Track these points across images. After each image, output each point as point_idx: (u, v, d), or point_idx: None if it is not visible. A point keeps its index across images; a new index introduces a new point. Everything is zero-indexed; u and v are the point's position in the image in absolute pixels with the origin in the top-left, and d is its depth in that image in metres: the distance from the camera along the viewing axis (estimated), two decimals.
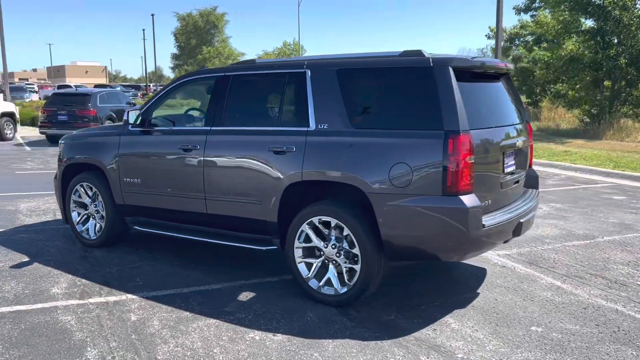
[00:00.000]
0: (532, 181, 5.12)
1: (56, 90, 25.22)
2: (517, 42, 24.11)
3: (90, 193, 5.86)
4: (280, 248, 4.59)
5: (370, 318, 4.11)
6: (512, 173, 4.49)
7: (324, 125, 4.31)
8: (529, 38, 23.69)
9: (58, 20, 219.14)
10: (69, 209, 6.05)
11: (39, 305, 4.29)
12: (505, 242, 4.44)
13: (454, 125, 3.79)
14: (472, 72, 4.23)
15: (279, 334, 3.82)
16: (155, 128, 5.36)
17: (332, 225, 4.23)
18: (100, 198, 5.75)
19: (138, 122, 5.40)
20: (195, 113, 5.96)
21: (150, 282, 4.84)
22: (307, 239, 4.37)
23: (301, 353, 3.56)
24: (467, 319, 4.10)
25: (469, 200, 3.79)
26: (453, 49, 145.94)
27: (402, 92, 4.12)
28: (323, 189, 4.44)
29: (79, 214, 6.01)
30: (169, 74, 73.69)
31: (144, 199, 5.42)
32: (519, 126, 4.72)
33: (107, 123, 16.69)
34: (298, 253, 4.43)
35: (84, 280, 4.88)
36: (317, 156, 4.27)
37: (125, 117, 5.46)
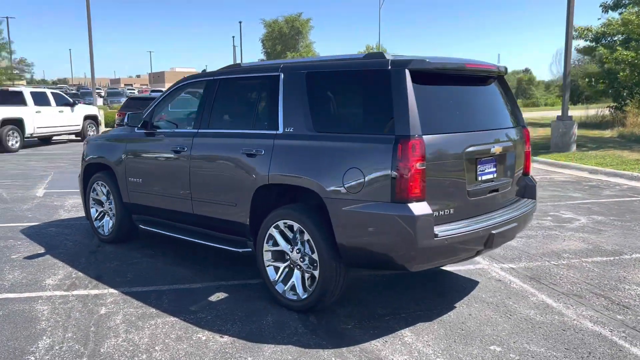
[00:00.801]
0: (528, 190, 4.79)
1: (133, 95, 26.88)
2: (603, 41, 22.45)
3: (104, 191, 6.20)
4: (254, 250, 4.62)
5: (327, 325, 4.04)
6: (491, 181, 4.22)
7: (290, 129, 4.29)
8: (618, 37, 22.00)
9: (158, 30, 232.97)
10: (88, 206, 6.44)
11: (26, 295, 4.61)
12: (478, 254, 4.17)
13: (405, 130, 3.64)
14: (444, 75, 4.04)
15: (226, 336, 3.85)
16: (158, 130, 5.57)
17: (295, 229, 4.20)
18: (111, 196, 6.07)
19: (140, 124, 5.65)
20: (193, 115, 6.14)
21: (137, 278, 5.04)
22: (275, 243, 4.37)
23: (236, 356, 3.57)
24: (426, 333, 3.91)
25: (418, 208, 3.62)
26: (549, 49, 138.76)
27: (361, 96, 4.03)
28: (289, 193, 4.42)
29: (96, 210, 6.38)
30: None
31: (145, 198, 5.66)
32: (506, 131, 4.44)
33: None
34: (267, 256, 4.43)
35: (80, 273, 5.18)
36: (282, 160, 4.26)
37: (125, 120, 5.74)
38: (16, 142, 15.91)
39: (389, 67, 3.81)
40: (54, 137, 19.03)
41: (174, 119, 5.82)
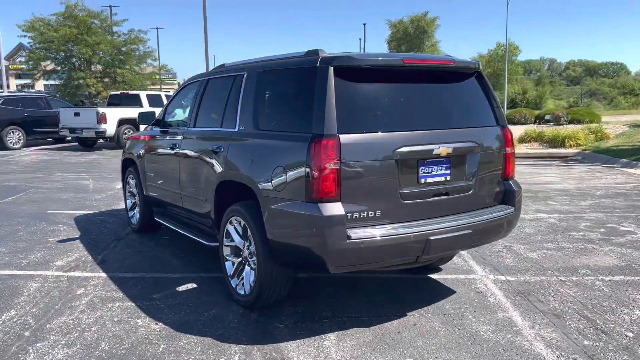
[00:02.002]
0: (507, 196, 4.38)
1: None
2: None
3: (133, 184, 6.75)
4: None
5: (261, 322, 4.06)
6: (441, 184, 3.95)
7: (242, 127, 4.38)
8: None
9: (287, 33, 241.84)
10: (125, 197, 7.05)
11: (30, 272, 5.20)
12: (417, 260, 3.90)
13: (319, 128, 3.56)
14: (381, 72, 3.86)
15: (160, 323, 4.04)
16: (170, 128, 5.95)
17: (242, 225, 4.28)
18: (137, 189, 6.60)
19: (153, 122, 6.08)
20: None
21: (132, 265, 5.43)
22: (232, 238, 4.48)
23: (154, 342, 3.74)
24: (351, 339, 3.77)
25: (329, 208, 3.51)
26: None
27: (293, 94, 3.99)
28: (242, 190, 4.49)
29: (131, 202, 6.96)
30: None
31: (156, 191, 6.08)
32: (467, 131, 4.11)
33: None
34: (226, 251, 4.56)
35: (89, 257, 5.71)
36: (234, 157, 4.37)
37: (137, 119, 6.19)
38: None
39: (317, 65, 3.74)
40: None
41: (185, 118, 6.16)
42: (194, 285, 4.85)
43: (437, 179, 3.94)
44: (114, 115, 17.81)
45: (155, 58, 42.19)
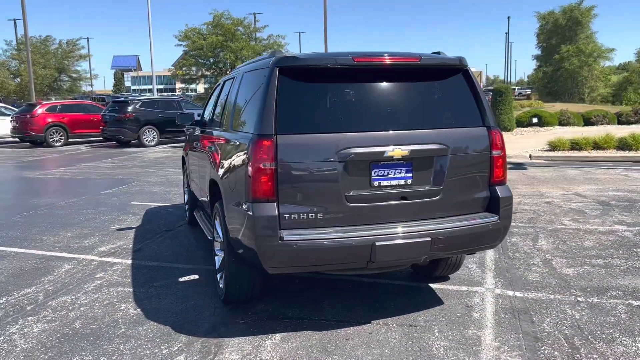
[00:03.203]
0: (491, 203, 4.01)
1: None
2: None
3: (184, 179, 7.27)
4: None
5: (227, 317, 4.17)
6: (401, 187, 3.74)
7: (224, 128, 4.55)
8: None
9: (428, 30, 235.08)
10: (184, 192, 7.62)
11: (71, 255, 5.86)
12: (368, 265, 3.72)
13: (258, 129, 3.60)
14: (332, 71, 3.76)
15: (138, 309, 4.35)
16: (204, 127, 6.32)
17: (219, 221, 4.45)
18: (186, 184, 7.11)
19: (192, 122, 6.50)
20: None
21: (158, 255, 5.87)
22: (219, 234, 4.67)
23: (119, 326, 4.03)
24: (296, 340, 3.74)
25: (262, 209, 3.52)
26: None
27: (252, 95, 4.03)
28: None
29: (187, 196, 7.50)
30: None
31: (191, 185, 6.51)
32: (433, 132, 3.83)
33: None
34: (216, 246, 4.76)
35: (130, 245, 6.28)
36: (217, 156, 4.55)
37: (176, 119, 6.64)
38: None
39: (268, 66, 3.77)
40: None
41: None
42: (196, 277, 5.11)
43: (394, 182, 3.74)
44: None
45: None
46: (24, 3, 26.51)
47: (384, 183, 3.72)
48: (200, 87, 53.78)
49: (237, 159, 3.85)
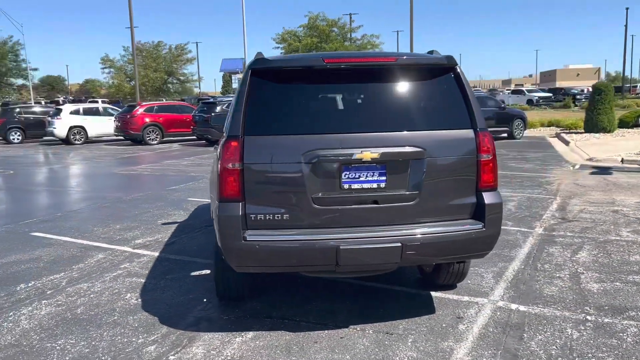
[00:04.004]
0: (477, 210, 3.79)
1: None
2: None
3: None
4: None
5: (214, 312, 4.30)
6: (373, 190, 3.65)
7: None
8: None
9: (546, 27, 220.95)
10: None
11: (108, 246, 6.30)
12: (336, 269, 3.66)
13: (227, 129, 3.69)
14: (304, 73, 3.74)
15: (140, 300, 4.59)
16: None
17: None
18: None
19: None
20: None
21: (185, 249, 6.13)
22: None
23: (115, 314, 4.29)
24: (263, 340, 3.77)
25: (227, 208, 3.60)
26: None
27: (236, 97, 4.11)
28: None
29: None
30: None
31: None
32: (407, 135, 3.68)
33: None
34: None
35: (166, 239, 6.62)
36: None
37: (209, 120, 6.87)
38: None
39: (247, 68, 3.84)
40: None
41: None
42: (207, 272, 5.29)
43: (366, 186, 3.65)
44: None
45: None
46: (132, 12, 28.68)
47: (355, 186, 3.64)
48: None
49: (215, 160, 3.96)
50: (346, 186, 3.63)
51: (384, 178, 3.66)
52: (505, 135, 19.42)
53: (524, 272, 5.10)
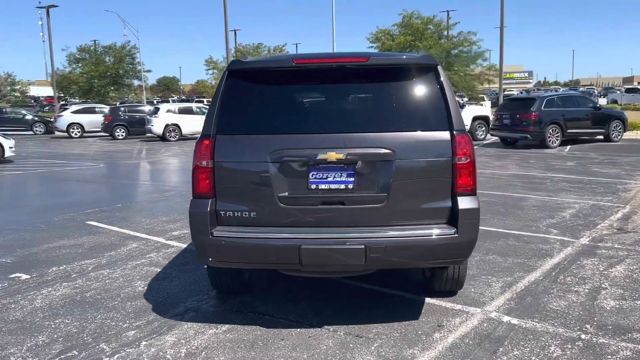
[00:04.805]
0: (452, 215, 3.64)
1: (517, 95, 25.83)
2: None
3: None
4: None
5: (206, 304, 4.47)
6: (340, 191, 3.63)
7: None
8: None
9: None
10: None
11: (145, 236, 6.71)
12: (302, 267, 3.66)
13: (202, 128, 3.82)
14: (276, 73, 3.79)
15: (145, 287, 4.88)
16: None
17: None
18: None
19: None
20: None
21: None
22: None
23: (117, 299, 4.60)
24: (234, 334, 3.88)
25: (198, 204, 3.74)
26: None
27: (214, 97, 4.21)
28: None
29: None
30: None
31: None
32: (377, 136, 3.62)
33: (551, 128, 16.60)
34: None
35: None
36: None
37: None
38: None
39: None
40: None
41: None
42: None
43: (334, 187, 3.64)
44: (468, 113, 19.30)
45: (487, 58, 41.93)
46: (227, 18, 30.01)
47: (323, 186, 3.64)
48: None
49: None
50: (314, 186, 3.64)
51: (352, 179, 3.62)
52: (601, 137, 18.03)
53: (539, 284, 4.78)
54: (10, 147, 15.45)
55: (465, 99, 43.12)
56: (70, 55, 46.09)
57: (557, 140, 16.68)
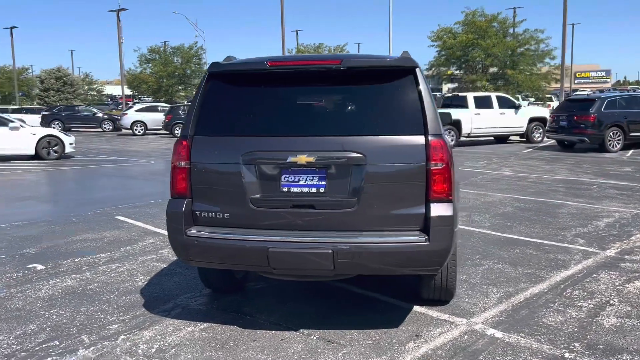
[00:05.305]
0: (425, 222, 3.52)
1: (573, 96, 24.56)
2: None
3: None
4: None
5: (197, 302, 4.55)
6: (312, 195, 3.60)
7: None
8: None
9: None
10: None
11: (162, 231, 6.84)
12: (274, 270, 3.65)
13: (181, 130, 3.89)
14: (254, 76, 3.80)
15: (145, 282, 5.04)
16: None
17: None
18: None
19: None
20: None
21: None
22: None
23: (114, 292, 4.78)
24: (210, 332, 3.93)
25: (174, 204, 3.82)
26: None
27: (193, 98, 4.26)
28: None
29: None
30: None
31: None
32: (348, 139, 3.55)
33: (611, 130, 15.75)
34: None
35: None
36: None
37: None
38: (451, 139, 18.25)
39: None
40: (510, 138, 20.33)
41: None
42: None
43: (305, 190, 3.61)
44: (524, 114, 19.17)
45: (554, 57, 40.15)
46: (283, 20, 30.35)
47: (295, 190, 3.62)
48: (445, 87, 53.30)
49: None
50: (285, 189, 3.63)
51: (323, 183, 3.58)
52: None
53: (540, 297, 4.54)
54: (70, 144, 16.32)
55: (531, 99, 41.49)
56: (141, 55, 48.18)
57: (618, 143, 15.77)
